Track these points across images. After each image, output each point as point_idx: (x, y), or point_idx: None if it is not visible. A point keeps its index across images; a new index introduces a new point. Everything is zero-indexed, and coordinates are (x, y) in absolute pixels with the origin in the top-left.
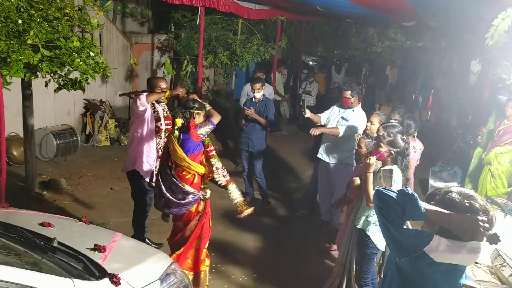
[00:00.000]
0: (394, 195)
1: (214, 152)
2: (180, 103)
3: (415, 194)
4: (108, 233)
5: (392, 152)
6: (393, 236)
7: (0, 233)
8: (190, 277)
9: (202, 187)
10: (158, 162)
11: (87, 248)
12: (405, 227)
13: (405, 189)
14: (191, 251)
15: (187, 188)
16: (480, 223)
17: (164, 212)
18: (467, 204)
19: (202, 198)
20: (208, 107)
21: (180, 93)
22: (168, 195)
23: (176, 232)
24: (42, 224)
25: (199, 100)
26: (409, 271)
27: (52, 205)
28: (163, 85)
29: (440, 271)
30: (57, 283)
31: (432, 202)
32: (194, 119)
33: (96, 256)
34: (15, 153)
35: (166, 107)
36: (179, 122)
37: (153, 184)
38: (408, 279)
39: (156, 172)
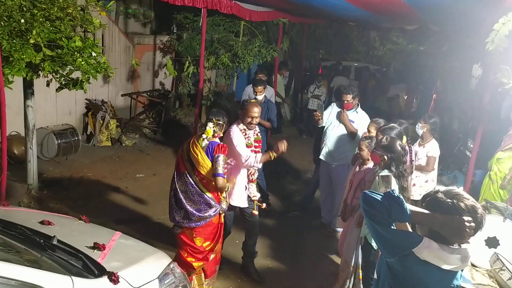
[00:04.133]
0: (379, 197)
1: None
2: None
3: (401, 197)
4: (107, 232)
5: (385, 157)
6: (381, 235)
7: (0, 230)
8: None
9: (222, 198)
10: (250, 186)
11: (87, 247)
12: (393, 227)
13: (391, 191)
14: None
15: (210, 199)
16: (465, 223)
17: (180, 225)
18: (450, 203)
19: (221, 211)
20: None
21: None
22: (188, 206)
23: (203, 252)
24: (42, 222)
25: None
26: (400, 270)
27: (52, 204)
28: (254, 112)
29: (431, 270)
30: (56, 280)
31: (423, 204)
32: (222, 129)
33: (95, 255)
34: (16, 152)
35: (257, 129)
36: (210, 132)
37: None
38: (400, 278)
39: (172, 184)
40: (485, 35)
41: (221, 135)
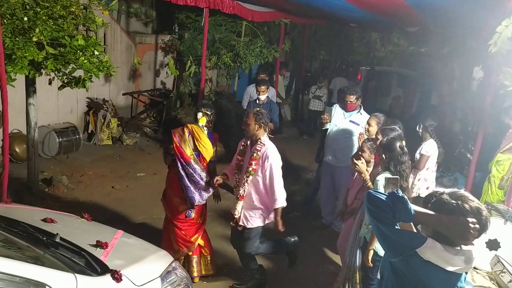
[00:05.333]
0: (384, 197)
1: None
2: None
3: (405, 197)
4: (110, 230)
5: (384, 157)
6: (385, 235)
7: (3, 227)
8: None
9: None
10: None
11: (89, 245)
12: (397, 227)
13: (395, 191)
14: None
15: (207, 175)
16: (469, 224)
17: (199, 202)
18: (454, 204)
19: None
20: None
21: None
22: (203, 183)
23: (194, 225)
24: (44, 220)
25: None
26: (404, 270)
27: (54, 202)
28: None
29: (435, 271)
30: (60, 277)
31: (428, 205)
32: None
33: (98, 253)
34: (17, 150)
35: (261, 147)
36: (204, 119)
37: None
38: (403, 279)
39: (185, 172)
40: (487, 37)
41: (210, 125)
